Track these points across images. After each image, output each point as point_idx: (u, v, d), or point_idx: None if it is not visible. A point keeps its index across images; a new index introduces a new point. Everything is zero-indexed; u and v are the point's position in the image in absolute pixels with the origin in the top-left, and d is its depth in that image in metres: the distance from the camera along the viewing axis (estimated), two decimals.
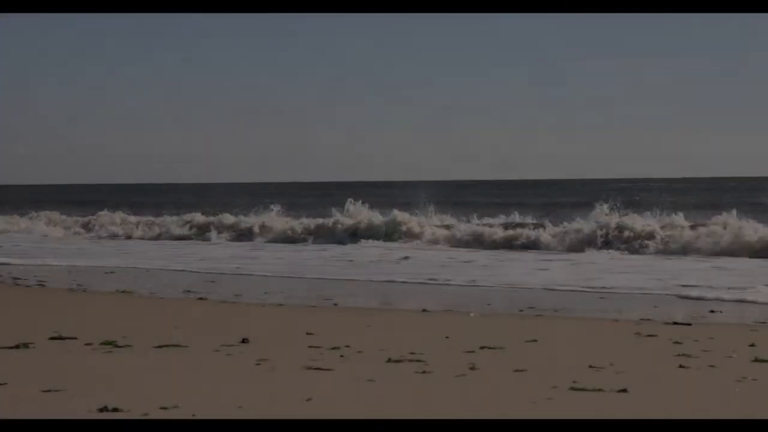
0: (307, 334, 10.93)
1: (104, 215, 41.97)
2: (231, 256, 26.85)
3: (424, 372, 8.43)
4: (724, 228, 27.25)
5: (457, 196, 68.13)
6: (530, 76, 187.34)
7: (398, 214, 33.68)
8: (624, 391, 7.57)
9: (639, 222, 29.11)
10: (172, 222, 38.95)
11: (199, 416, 6.52)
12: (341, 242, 32.07)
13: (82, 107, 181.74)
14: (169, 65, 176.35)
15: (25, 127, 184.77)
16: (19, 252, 28.08)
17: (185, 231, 37.19)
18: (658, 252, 26.95)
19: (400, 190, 70.23)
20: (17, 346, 9.68)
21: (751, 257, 24.60)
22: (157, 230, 38.25)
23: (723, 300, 15.43)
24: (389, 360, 9.09)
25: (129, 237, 37.76)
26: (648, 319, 13.15)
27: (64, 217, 44.33)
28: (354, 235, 32.99)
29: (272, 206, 37.29)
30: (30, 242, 34.17)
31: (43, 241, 35.32)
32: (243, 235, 35.31)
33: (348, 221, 34.38)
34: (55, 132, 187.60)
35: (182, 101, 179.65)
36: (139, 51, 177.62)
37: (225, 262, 24.64)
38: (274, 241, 33.78)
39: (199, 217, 38.69)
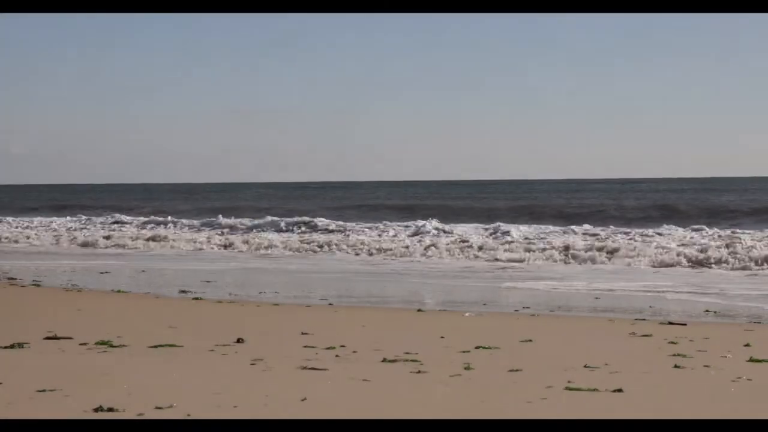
0: (303, 333, 10.92)
1: None
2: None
3: (419, 372, 8.43)
4: None
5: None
6: None
7: None
8: (619, 390, 7.57)
9: None
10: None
11: (194, 416, 6.52)
12: None
13: None
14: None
15: None
16: None
17: None
18: None
19: None
20: (12, 346, 9.66)
21: None
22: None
23: None
24: (384, 360, 9.08)
25: None
26: (643, 319, 13.16)
27: None
28: None
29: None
30: None
31: None
32: None
33: None
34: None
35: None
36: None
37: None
38: None
39: None
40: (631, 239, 27.47)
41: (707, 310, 14.41)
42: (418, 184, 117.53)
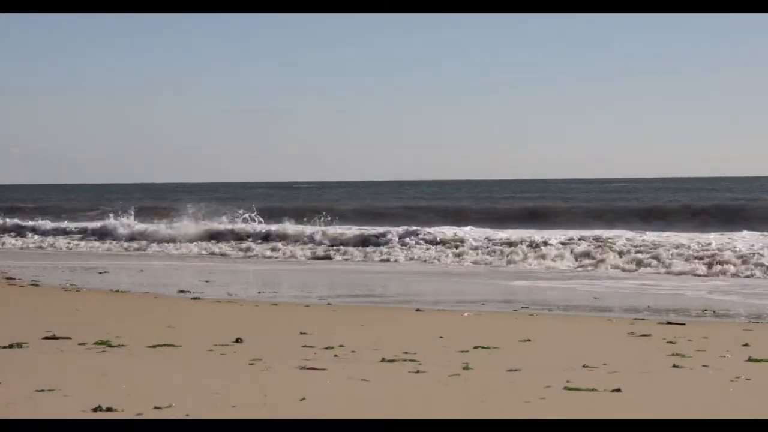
0: (301, 333, 10.93)
1: None
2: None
3: (417, 372, 8.43)
4: None
5: None
6: None
7: None
8: (618, 390, 7.57)
9: None
10: None
11: (193, 416, 6.52)
12: None
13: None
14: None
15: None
16: None
17: None
18: None
19: None
20: (11, 346, 9.66)
21: None
22: None
23: None
24: (383, 359, 9.09)
25: None
26: (642, 319, 13.17)
27: None
28: None
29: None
30: None
31: None
32: None
33: None
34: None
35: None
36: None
37: None
38: None
39: None
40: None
41: (705, 310, 14.43)
42: (419, 184, 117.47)
